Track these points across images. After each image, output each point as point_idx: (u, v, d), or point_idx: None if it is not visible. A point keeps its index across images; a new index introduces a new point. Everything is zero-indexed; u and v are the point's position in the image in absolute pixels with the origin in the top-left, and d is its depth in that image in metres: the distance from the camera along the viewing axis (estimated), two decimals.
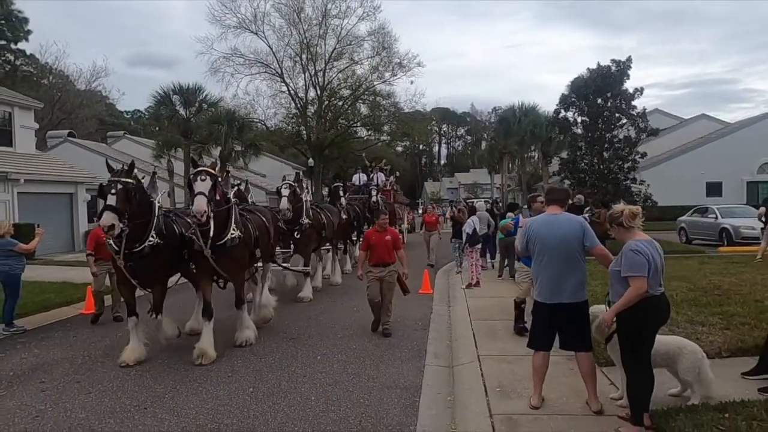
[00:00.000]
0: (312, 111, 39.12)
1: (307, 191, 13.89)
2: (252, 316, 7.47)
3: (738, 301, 7.48)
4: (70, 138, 33.35)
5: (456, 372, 5.74)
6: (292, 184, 9.91)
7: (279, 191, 9.73)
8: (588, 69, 18.70)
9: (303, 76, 38.40)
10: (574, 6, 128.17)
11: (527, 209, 8.89)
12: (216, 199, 6.06)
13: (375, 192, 16.41)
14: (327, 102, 39.07)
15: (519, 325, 6.94)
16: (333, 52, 37.97)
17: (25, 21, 35.70)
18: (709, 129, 36.43)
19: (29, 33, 37.63)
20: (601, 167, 18.33)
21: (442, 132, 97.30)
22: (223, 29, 36.80)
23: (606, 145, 18.48)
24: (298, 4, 36.68)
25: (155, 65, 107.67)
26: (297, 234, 9.77)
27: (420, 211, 34.77)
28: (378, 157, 22.56)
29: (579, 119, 19.57)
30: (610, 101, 18.63)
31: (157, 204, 6.29)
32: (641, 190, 19.01)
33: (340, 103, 39.57)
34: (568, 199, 4.88)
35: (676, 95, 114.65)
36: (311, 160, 37.02)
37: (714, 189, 31.69)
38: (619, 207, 4.10)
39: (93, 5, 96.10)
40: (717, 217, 17.74)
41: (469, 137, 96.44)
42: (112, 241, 5.88)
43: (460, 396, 5.01)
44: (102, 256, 8.02)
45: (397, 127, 41.34)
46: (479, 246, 11.81)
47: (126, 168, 5.92)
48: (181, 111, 27.76)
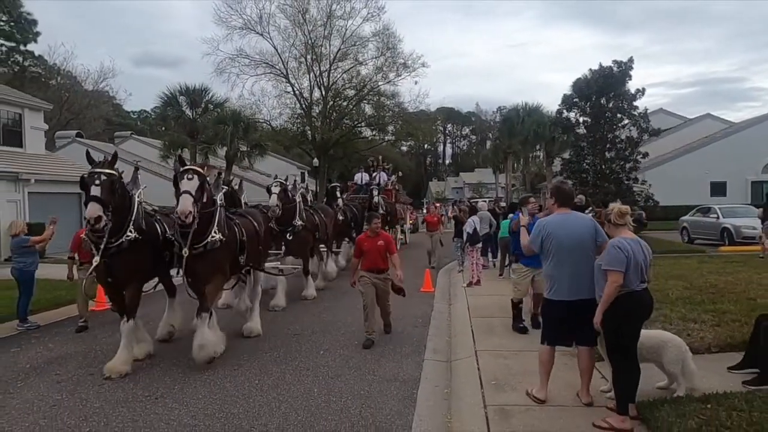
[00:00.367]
0: (317, 111, 39.40)
1: (306, 191, 13.55)
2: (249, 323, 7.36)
3: (731, 299, 7.63)
4: (78, 138, 33.68)
5: (453, 366, 5.95)
6: (282, 182, 9.71)
7: (269, 189, 9.52)
8: (590, 69, 18.88)
9: (308, 76, 38.70)
10: (578, 5, 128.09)
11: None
12: (203, 201, 5.85)
13: (376, 192, 16.09)
14: (332, 102, 39.33)
15: (518, 325, 7.09)
16: (338, 52, 38.22)
17: (34, 23, 36.23)
18: (714, 129, 36.31)
19: (38, 35, 38.19)
20: (603, 167, 18.47)
21: (446, 132, 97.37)
22: (229, 30, 37.12)
23: (608, 146, 18.62)
24: (303, 5, 36.97)
25: (161, 65, 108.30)
26: (289, 236, 9.57)
27: (424, 210, 34.70)
28: (378, 158, 21.93)
29: (581, 119, 19.71)
30: (612, 101, 18.77)
31: (137, 199, 6.07)
32: (643, 190, 19.11)
33: (344, 104, 39.81)
34: (573, 199, 5.07)
35: (682, 94, 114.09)
36: (316, 160, 37.28)
37: (718, 189, 31.62)
38: (612, 205, 4.34)
39: (98, 5, 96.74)
40: (718, 217, 17.83)
41: (474, 137, 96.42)
42: (89, 237, 5.69)
43: (456, 388, 5.22)
44: (87, 259, 7.00)
45: (402, 127, 41.57)
46: (480, 245, 12.00)
47: (109, 159, 5.73)
48: (188, 112, 28.13)
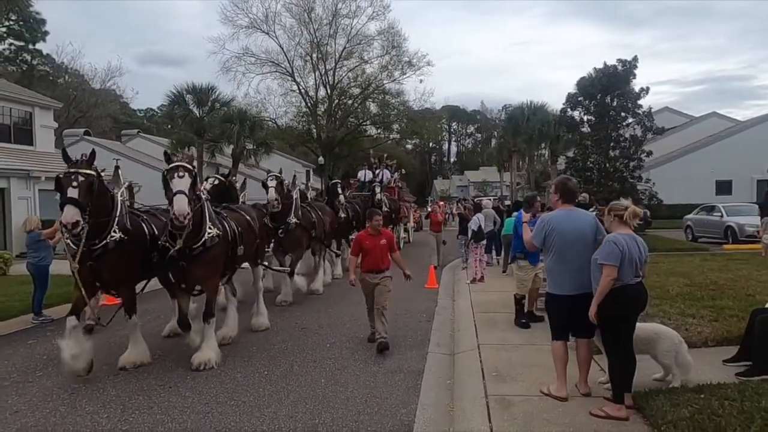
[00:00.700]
0: (322, 110, 39.68)
1: (307, 188, 13.34)
2: (253, 320, 7.41)
3: (730, 296, 7.76)
4: (86, 137, 34.07)
5: (456, 359, 6.13)
6: (278, 176, 9.43)
7: (265, 184, 9.20)
8: (594, 68, 18.96)
9: (313, 75, 39.04)
10: (586, 2, 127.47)
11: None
12: (195, 200, 5.58)
13: (378, 189, 15.58)
14: (337, 101, 39.60)
15: (521, 320, 7.23)
16: (343, 51, 38.50)
17: (43, 22, 36.63)
18: (720, 127, 36.23)
19: (46, 34, 38.60)
20: (607, 166, 18.56)
21: (452, 130, 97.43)
22: (235, 29, 37.58)
23: (612, 144, 18.71)
24: (308, 3, 37.28)
25: (166, 63, 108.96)
26: (281, 233, 9.26)
27: (428, 209, 34.70)
28: (381, 155, 21.60)
29: (585, 118, 19.80)
30: (616, 100, 18.86)
31: (119, 198, 5.79)
32: (647, 188, 19.19)
33: (349, 102, 40.08)
34: (577, 195, 5.09)
35: (690, 92, 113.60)
36: (321, 158, 37.52)
37: (724, 187, 31.56)
38: (626, 203, 4.29)
39: (103, 4, 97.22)
40: (722, 216, 17.92)
41: (479, 135, 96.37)
42: (69, 241, 5.32)
43: (459, 379, 5.39)
44: None
45: (407, 126, 41.77)
46: (484, 243, 12.16)
47: (86, 158, 5.36)
48: (195, 110, 28.39)
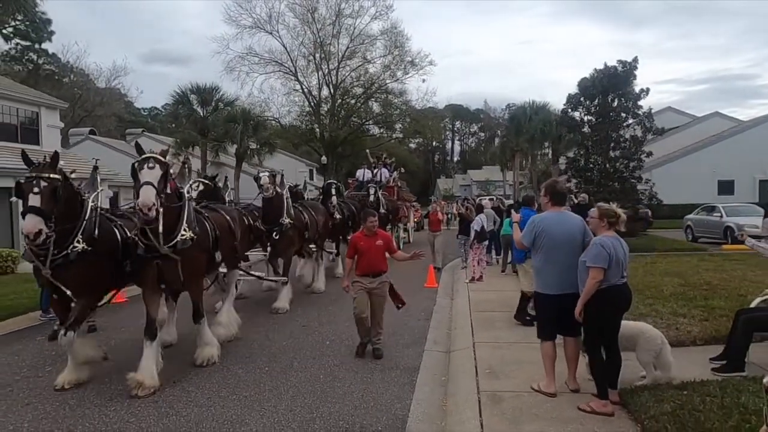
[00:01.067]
0: (325, 109, 39.89)
1: (303, 188, 13.31)
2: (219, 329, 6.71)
3: (723, 296, 7.89)
4: (91, 136, 34.43)
5: (452, 357, 6.30)
6: (272, 170, 9.20)
7: (257, 179, 8.93)
8: (595, 69, 19.10)
9: (316, 74, 39.27)
10: (589, 1, 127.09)
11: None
12: (167, 193, 5.15)
13: (373, 190, 14.88)
14: (340, 100, 39.80)
15: (525, 317, 7.24)
16: (346, 50, 38.70)
17: (49, 22, 36.91)
18: (723, 127, 36.26)
19: (52, 34, 38.89)
20: (607, 166, 18.68)
21: (455, 129, 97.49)
22: (239, 29, 37.86)
23: (612, 145, 18.83)
24: (312, 3, 37.50)
25: (170, 62, 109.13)
26: (275, 234, 8.76)
27: (429, 208, 34.61)
28: (380, 154, 21.30)
29: (586, 119, 19.94)
30: (616, 101, 18.98)
31: (91, 203, 5.32)
32: (647, 189, 19.30)
33: (352, 102, 40.28)
34: (566, 198, 5.24)
35: (694, 91, 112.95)
36: (324, 157, 37.74)
37: (726, 187, 31.63)
38: (616, 209, 4.40)
39: (107, 3, 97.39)
40: (722, 216, 18.01)
41: (483, 134, 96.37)
42: (31, 249, 4.90)
43: (453, 376, 5.57)
44: None
45: (410, 125, 41.95)
46: (486, 243, 12.34)
47: (49, 161, 4.90)
48: (199, 110, 28.65)
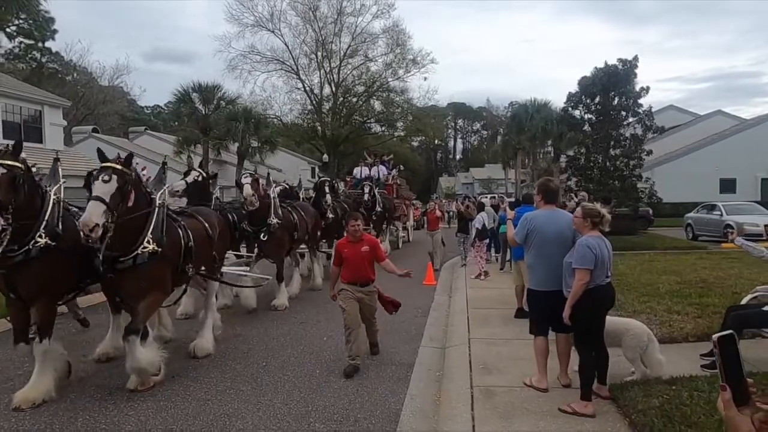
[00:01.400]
0: (327, 107, 39.98)
1: (299, 187, 12.47)
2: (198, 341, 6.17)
3: (717, 293, 7.96)
4: (94, 134, 34.56)
5: (447, 353, 6.38)
6: (252, 173, 8.76)
7: (239, 183, 8.66)
8: (595, 68, 19.11)
9: (318, 72, 39.34)
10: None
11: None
12: (128, 206, 4.76)
13: (368, 188, 14.31)
14: (342, 98, 39.87)
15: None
16: (348, 49, 38.75)
17: (52, 21, 37.08)
18: (725, 125, 36.19)
19: (55, 32, 39.08)
20: (608, 164, 18.72)
21: (457, 127, 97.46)
22: (241, 27, 37.93)
23: (613, 143, 18.87)
24: (313, 2, 37.55)
25: (171, 60, 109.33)
26: (263, 236, 8.47)
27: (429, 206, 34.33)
28: (378, 151, 20.86)
29: (586, 117, 19.97)
30: (616, 99, 19.01)
31: (53, 196, 4.98)
32: (647, 187, 19.34)
33: (354, 100, 40.34)
34: (558, 196, 5.30)
35: (697, 89, 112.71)
36: (326, 155, 37.83)
37: (728, 186, 31.61)
38: (599, 209, 4.44)
39: (110, 2, 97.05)
40: (722, 214, 18.03)
41: (485, 132, 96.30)
42: None
43: (447, 372, 5.65)
44: None
45: (411, 123, 41.99)
46: (487, 240, 12.44)
47: (11, 149, 4.64)
48: (201, 108, 28.75)
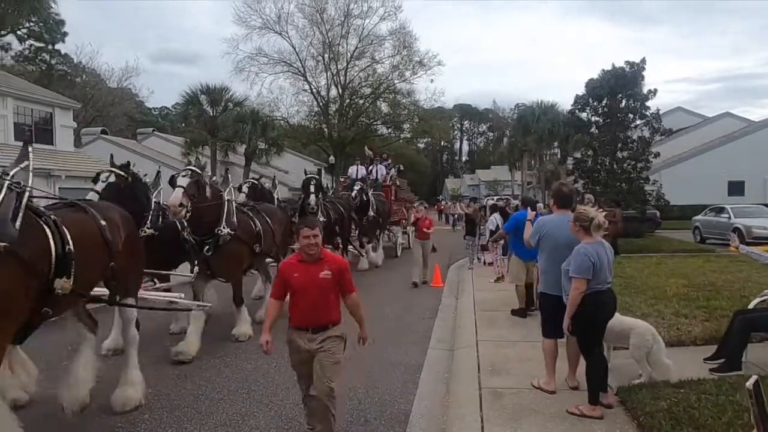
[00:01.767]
0: (334, 109, 40.13)
1: (272, 186, 10.67)
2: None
3: (725, 297, 7.96)
4: (102, 135, 34.90)
5: (455, 354, 6.43)
6: (194, 170, 6.42)
7: (173, 181, 6.30)
8: (602, 70, 19.11)
9: (325, 74, 39.52)
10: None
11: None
12: None
13: (358, 187, 12.83)
14: (348, 100, 40.02)
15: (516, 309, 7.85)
16: (354, 51, 38.89)
17: (62, 23, 37.48)
18: (733, 127, 36.01)
19: (66, 35, 39.51)
20: (615, 167, 18.69)
21: (463, 128, 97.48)
22: (248, 30, 38.15)
23: (620, 145, 18.84)
24: (320, 4, 37.72)
25: (179, 61, 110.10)
26: (208, 250, 6.66)
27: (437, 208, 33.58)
28: (376, 149, 20.16)
29: (593, 119, 19.96)
30: (624, 102, 18.99)
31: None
32: (654, 189, 19.29)
33: (361, 102, 40.48)
34: (573, 202, 5.24)
35: (705, 90, 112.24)
36: (332, 157, 37.94)
37: (736, 188, 31.45)
38: (591, 213, 4.36)
39: (114, 3, 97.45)
40: (730, 217, 17.95)
41: (491, 134, 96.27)
42: None
43: (455, 373, 5.71)
44: None
45: (418, 125, 42.08)
46: (501, 242, 12.46)
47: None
48: (208, 110, 28.98)
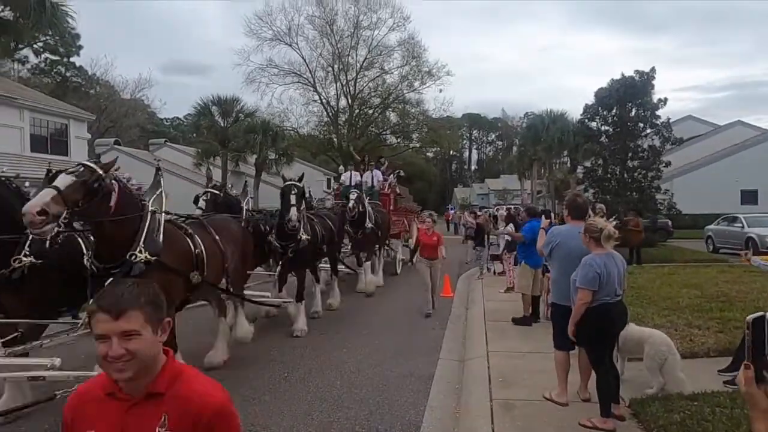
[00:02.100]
0: (343, 119, 40.41)
1: (228, 188, 8.40)
2: None
3: (739, 308, 7.86)
4: (116, 146, 35.39)
5: (466, 365, 6.42)
6: (86, 167, 4.25)
7: (42, 187, 4.25)
8: (612, 79, 19.09)
9: (335, 85, 39.87)
10: (607, 7, 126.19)
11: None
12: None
13: (355, 195, 11.23)
14: (358, 110, 40.31)
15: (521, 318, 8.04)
16: (364, 61, 39.23)
17: (77, 37, 38.13)
18: (745, 135, 35.67)
19: (80, 48, 40.26)
20: (625, 176, 18.60)
21: (472, 137, 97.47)
22: (259, 42, 38.68)
23: (630, 154, 18.76)
24: (330, 16, 38.17)
25: (189, 72, 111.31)
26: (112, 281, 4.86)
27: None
28: (369, 153, 19.06)
29: (603, 129, 19.90)
30: (633, 111, 18.93)
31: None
32: (666, 199, 19.16)
33: (370, 112, 40.74)
34: (587, 213, 5.19)
35: (716, 98, 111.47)
36: (342, 167, 38.07)
37: (749, 197, 31.10)
38: (600, 224, 4.36)
39: (124, 15, 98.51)
40: (743, 226, 17.76)
41: (501, 143, 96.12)
42: None
43: (466, 385, 5.70)
44: None
45: (427, 135, 42.22)
46: (515, 252, 12.42)
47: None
48: (220, 121, 29.32)
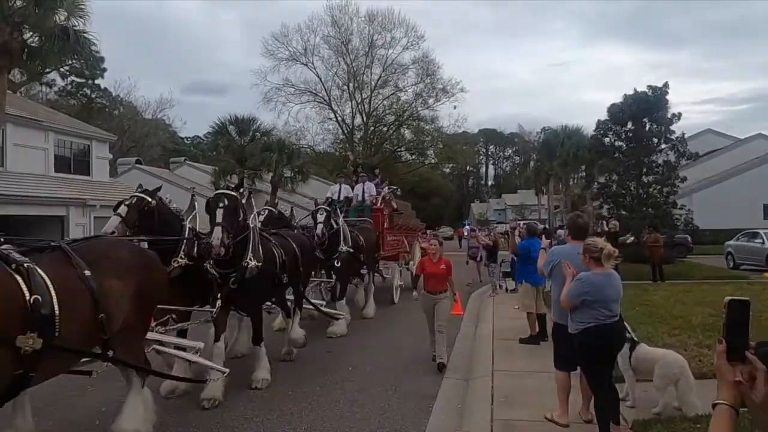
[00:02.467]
0: (358, 137, 40.87)
1: (161, 200, 5.91)
2: None
3: (755, 327, 7.65)
4: (137, 165, 36.27)
5: (470, 384, 6.40)
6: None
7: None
8: (624, 95, 18.98)
9: (350, 103, 40.47)
10: (623, 21, 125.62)
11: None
12: None
13: (323, 217, 9.07)
14: (373, 128, 40.75)
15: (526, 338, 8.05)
16: (378, 80, 39.79)
17: (102, 60, 39.43)
18: (767, 148, 35.04)
19: (105, 71, 41.63)
20: (641, 192, 18.38)
21: (488, 153, 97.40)
22: (276, 62, 39.52)
23: (645, 170, 18.55)
24: (345, 36, 38.89)
25: (209, 92, 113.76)
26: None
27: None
28: (355, 161, 18.35)
29: (617, 144, 19.76)
30: (647, 126, 18.77)
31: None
32: (682, 214, 18.85)
33: (385, 129, 41.15)
34: (587, 233, 5.19)
35: (736, 111, 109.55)
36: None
37: None
38: (600, 242, 4.39)
39: (142, 36, 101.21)
40: (764, 242, 17.38)
41: (517, 158, 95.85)
42: None
43: (469, 404, 5.69)
44: None
45: (442, 151, 42.42)
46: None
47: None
48: (237, 139, 29.89)
